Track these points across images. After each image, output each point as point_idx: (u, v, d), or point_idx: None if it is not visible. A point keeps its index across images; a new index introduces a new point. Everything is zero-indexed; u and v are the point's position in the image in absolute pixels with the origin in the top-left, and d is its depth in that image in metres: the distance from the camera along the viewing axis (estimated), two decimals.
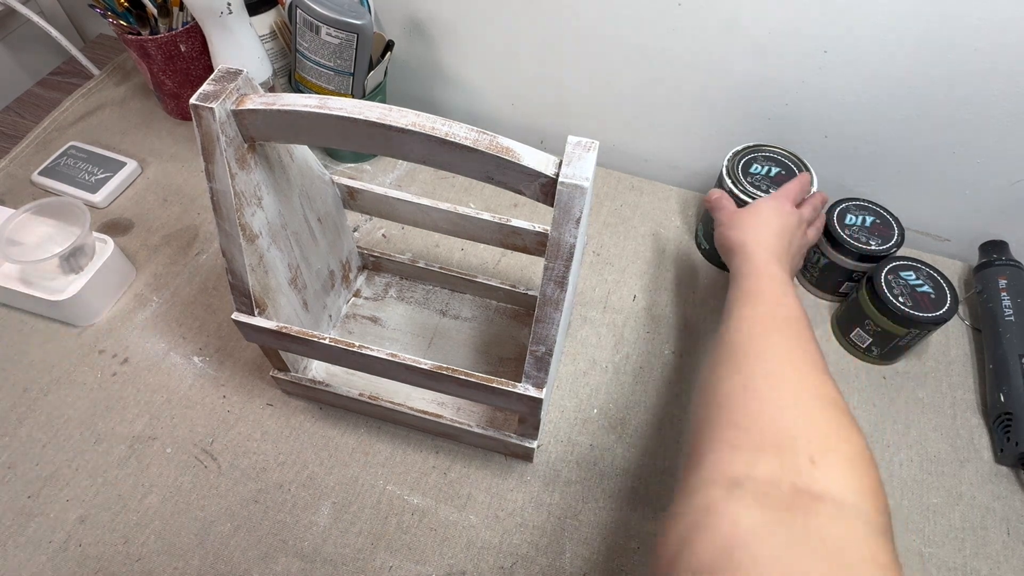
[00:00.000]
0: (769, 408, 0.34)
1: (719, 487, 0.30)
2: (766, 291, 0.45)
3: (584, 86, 0.74)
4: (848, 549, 0.27)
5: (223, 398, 0.58)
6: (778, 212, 0.54)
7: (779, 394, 0.35)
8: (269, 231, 0.47)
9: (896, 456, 0.57)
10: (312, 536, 0.51)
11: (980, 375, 0.62)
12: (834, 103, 0.65)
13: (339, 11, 0.62)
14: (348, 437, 0.56)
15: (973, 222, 0.70)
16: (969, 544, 0.53)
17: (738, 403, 0.35)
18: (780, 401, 0.34)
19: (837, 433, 0.32)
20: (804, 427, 0.32)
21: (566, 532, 0.52)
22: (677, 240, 0.72)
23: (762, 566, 0.26)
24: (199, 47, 0.73)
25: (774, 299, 0.44)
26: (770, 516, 0.28)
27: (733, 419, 0.34)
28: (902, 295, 0.57)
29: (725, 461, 0.31)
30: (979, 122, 0.61)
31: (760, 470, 0.30)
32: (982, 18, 0.54)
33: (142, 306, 0.64)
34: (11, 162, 0.76)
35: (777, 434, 0.32)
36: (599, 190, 0.76)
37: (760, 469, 0.30)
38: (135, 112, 0.82)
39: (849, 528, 0.28)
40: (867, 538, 0.27)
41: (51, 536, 0.51)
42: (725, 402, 0.36)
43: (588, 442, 0.57)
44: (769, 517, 0.28)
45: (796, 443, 0.31)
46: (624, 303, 0.66)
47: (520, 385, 0.45)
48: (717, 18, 0.62)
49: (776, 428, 0.32)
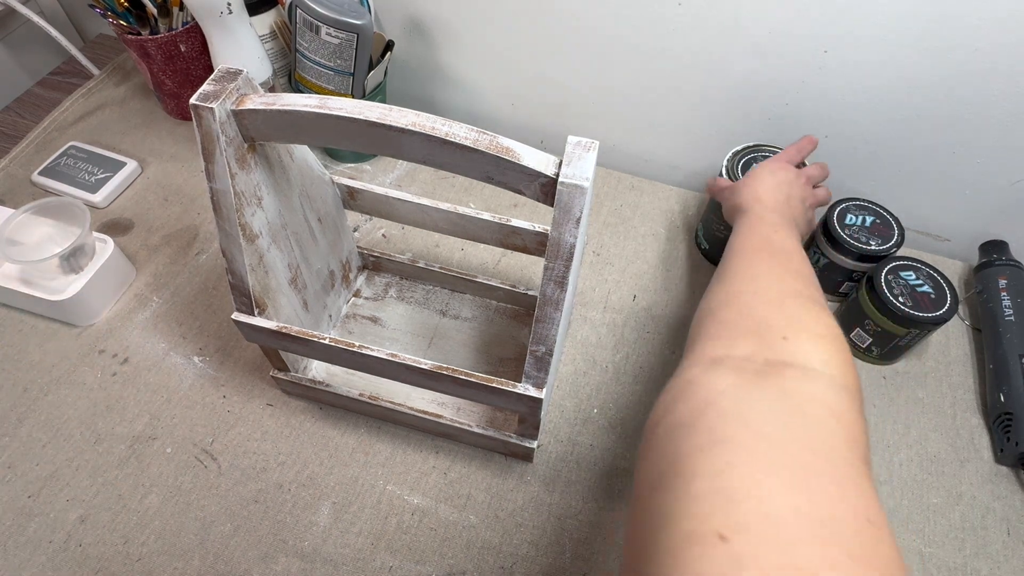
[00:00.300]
0: (751, 305, 0.37)
1: (701, 365, 0.33)
2: (760, 229, 0.47)
3: (584, 86, 0.74)
4: (809, 402, 0.29)
5: (223, 398, 0.58)
6: (771, 170, 0.55)
7: (762, 297, 0.38)
8: (269, 231, 0.47)
9: (896, 456, 0.57)
10: (312, 536, 0.51)
11: (980, 375, 0.62)
12: (834, 103, 0.65)
13: (339, 11, 0.62)
14: (348, 437, 0.56)
15: (973, 222, 0.70)
16: (969, 544, 0.53)
17: (723, 308, 0.38)
18: (762, 300, 0.37)
19: (811, 318, 0.35)
20: (780, 316, 0.35)
21: (566, 532, 0.52)
22: (677, 240, 0.72)
23: (727, 416, 0.28)
24: (199, 47, 0.73)
25: (767, 233, 0.46)
26: (742, 380, 0.30)
27: (718, 319, 0.37)
28: (902, 295, 0.57)
29: (708, 348, 0.34)
30: (979, 122, 0.61)
31: (738, 350, 0.33)
32: (982, 18, 0.54)
33: (142, 306, 0.64)
34: (11, 162, 0.76)
35: (756, 323, 0.35)
36: (599, 190, 0.76)
37: (738, 350, 0.33)
38: (135, 112, 0.82)
39: (813, 386, 0.30)
40: (828, 392, 0.30)
41: (51, 536, 0.51)
42: (714, 308, 0.39)
43: (588, 442, 0.57)
44: (741, 381, 0.30)
45: (771, 328, 0.34)
46: (624, 303, 0.66)
47: (520, 385, 0.45)
48: (717, 18, 0.62)
49: (755, 318, 0.35)
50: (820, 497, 0.24)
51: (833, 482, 0.25)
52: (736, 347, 0.33)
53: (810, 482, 0.24)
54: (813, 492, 0.24)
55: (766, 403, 0.29)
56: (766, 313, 0.36)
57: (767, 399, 0.29)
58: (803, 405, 0.29)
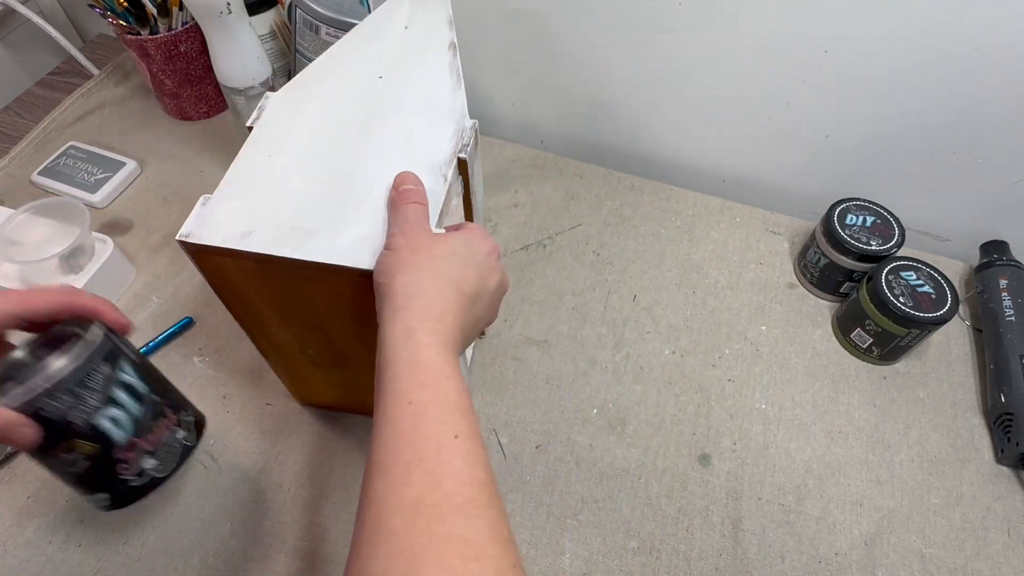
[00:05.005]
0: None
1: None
2: (424, 410, 0.31)
3: (583, 86, 0.74)
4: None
5: (223, 398, 0.58)
6: (477, 266, 0.37)
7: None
8: None
9: (896, 456, 0.57)
10: (312, 536, 0.51)
11: (981, 375, 0.62)
12: (834, 103, 0.65)
13: (339, 11, 0.61)
14: (348, 437, 0.56)
15: (973, 222, 0.70)
16: (969, 544, 0.53)
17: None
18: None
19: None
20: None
21: (566, 532, 0.52)
22: (677, 240, 0.72)
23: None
24: (199, 47, 0.73)
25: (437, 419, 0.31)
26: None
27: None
28: (903, 295, 0.57)
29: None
30: (979, 122, 0.61)
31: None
32: (982, 18, 0.54)
33: (142, 306, 0.64)
34: (11, 162, 0.75)
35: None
36: (599, 190, 0.76)
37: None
38: (135, 112, 0.82)
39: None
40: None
41: (51, 536, 0.51)
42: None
43: (588, 442, 0.57)
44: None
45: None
46: (624, 303, 0.66)
47: None
48: (717, 18, 0.62)
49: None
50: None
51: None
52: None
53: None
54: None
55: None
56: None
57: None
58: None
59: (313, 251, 0.37)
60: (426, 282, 0.34)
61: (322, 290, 0.39)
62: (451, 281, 0.35)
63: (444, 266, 0.35)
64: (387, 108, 0.44)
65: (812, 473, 0.56)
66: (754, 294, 0.67)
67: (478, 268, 0.37)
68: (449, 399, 0.32)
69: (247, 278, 0.39)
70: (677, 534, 0.52)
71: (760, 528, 0.53)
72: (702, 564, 0.51)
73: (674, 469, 0.55)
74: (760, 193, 0.77)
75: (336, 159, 0.41)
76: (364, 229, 0.38)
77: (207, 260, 0.38)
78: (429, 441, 0.30)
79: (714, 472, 0.55)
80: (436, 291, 0.34)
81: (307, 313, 0.42)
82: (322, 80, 0.46)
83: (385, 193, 0.39)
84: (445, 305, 0.34)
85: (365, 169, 0.41)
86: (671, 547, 0.52)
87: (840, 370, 0.62)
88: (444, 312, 0.34)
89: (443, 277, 0.35)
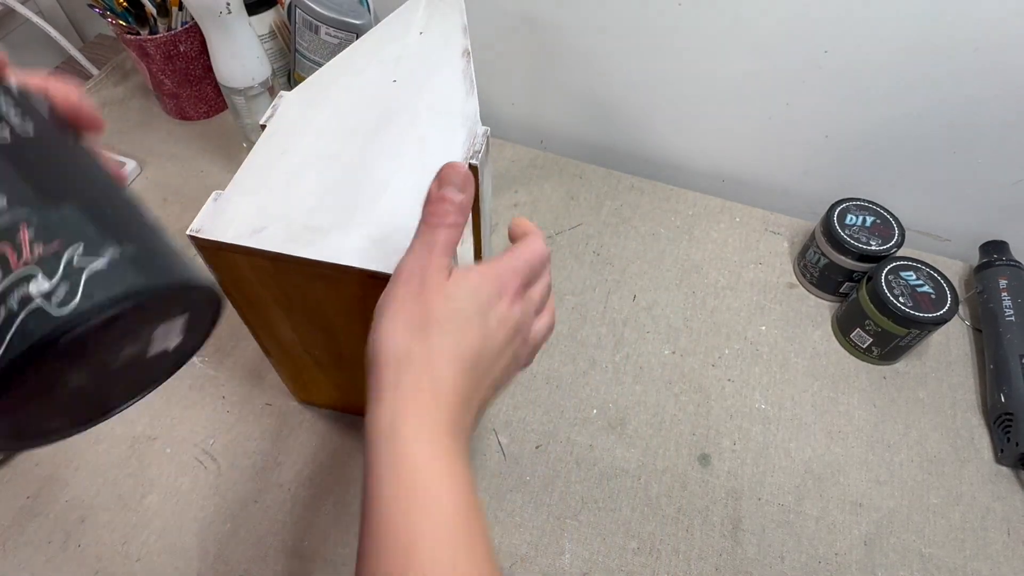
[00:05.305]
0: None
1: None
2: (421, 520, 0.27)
3: (583, 86, 0.74)
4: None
5: (223, 398, 0.58)
6: (482, 324, 0.30)
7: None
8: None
9: (896, 456, 0.57)
10: (312, 536, 0.51)
11: (980, 375, 0.62)
12: (834, 103, 0.65)
13: (339, 11, 0.62)
14: (348, 437, 0.56)
15: (973, 222, 0.70)
16: (969, 544, 0.53)
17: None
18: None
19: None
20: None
21: (566, 532, 0.52)
22: (677, 240, 0.72)
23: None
24: (198, 47, 0.73)
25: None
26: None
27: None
28: (902, 295, 0.57)
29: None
30: (979, 122, 0.61)
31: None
32: (982, 18, 0.54)
33: None
34: None
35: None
36: (599, 190, 0.76)
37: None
38: (134, 112, 0.82)
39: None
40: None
41: (51, 536, 0.51)
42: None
43: (588, 442, 0.57)
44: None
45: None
46: (624, 303, 0.66)
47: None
48: (717, 17, 0.62)
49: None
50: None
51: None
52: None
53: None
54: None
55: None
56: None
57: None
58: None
59: (323, 251, 0.36)
60: (416, 348, 0.29)
61: (330, 290, 0.39)
62: (446, 349, 0.29)
63: (441, 332, 0.29)
64: (401, 112, 0.44)
65: (812, 473, 0.56)
66: (754, 294, 0.67)
67: (484, 326, 0.30)
68: (445, 521, 0.27)
69: (256, 275, 0.39)
70: (677, 534, 0.52)
71: (760, 528, 0.53)
72: (702, 564, 0.51)
73: (674, 469, 0.55)
74: (760, 193, 0.77)
75: (349, 160, 0.41)
76: (375, 230, 0.38)
77: (217, 256, 0.38)
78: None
79: (714, 472, 0.55)
80: (427, 361, 0.29)
81: (314, 312, 0.42)
82: (336, 82, 0.46)
83: (397, 197, 0.39)
84: (439, 384, 0.29)
85: (378, 171, 0.41)
86: (671, 547, 0.52)
87: (840, 370, 0.62)
88: (437, 393, 0.28)
89: (438, 344, 0.29)
